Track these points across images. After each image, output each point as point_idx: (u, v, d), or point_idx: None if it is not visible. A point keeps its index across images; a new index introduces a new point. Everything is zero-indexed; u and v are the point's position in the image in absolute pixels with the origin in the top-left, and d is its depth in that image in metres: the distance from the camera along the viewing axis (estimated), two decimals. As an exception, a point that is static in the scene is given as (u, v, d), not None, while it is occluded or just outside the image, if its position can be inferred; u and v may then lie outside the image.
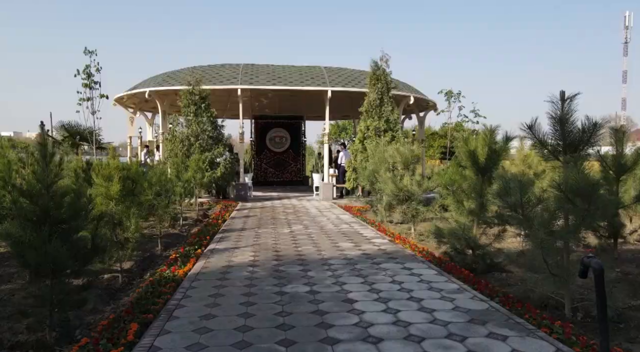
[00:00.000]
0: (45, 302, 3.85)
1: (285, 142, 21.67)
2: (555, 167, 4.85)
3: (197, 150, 13.05)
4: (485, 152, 6.63)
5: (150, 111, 18.79)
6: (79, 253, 4.03)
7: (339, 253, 6.68)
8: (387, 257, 6.39)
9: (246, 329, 3.70)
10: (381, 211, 10.05)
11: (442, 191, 7.74)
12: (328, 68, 16.32)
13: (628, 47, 55.24)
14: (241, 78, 14.99)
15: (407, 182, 9.06)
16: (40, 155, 3.90)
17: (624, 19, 56.64)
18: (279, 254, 6.66)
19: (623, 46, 55.63)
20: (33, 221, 3.75)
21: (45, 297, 3.84)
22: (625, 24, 56.54)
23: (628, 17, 56.41)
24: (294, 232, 8.58)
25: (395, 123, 14.04)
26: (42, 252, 3.64)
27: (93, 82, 14.79)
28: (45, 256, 3.65)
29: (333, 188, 15.43)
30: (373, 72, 14.08)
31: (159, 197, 7.67)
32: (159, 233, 7.79)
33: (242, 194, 14.74)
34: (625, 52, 56.03)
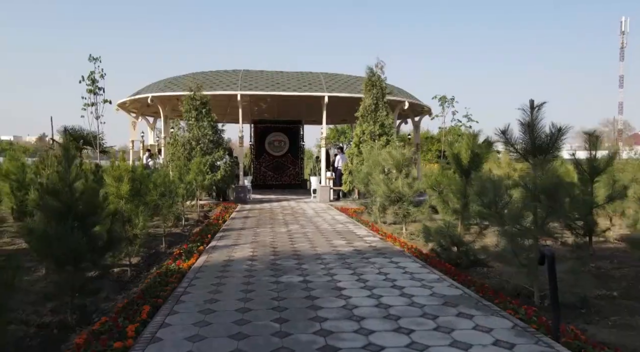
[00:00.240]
0: (66, 289, 4.37)
1: (284, 146, 22.21)
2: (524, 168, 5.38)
3: (198, 153, 13.58)
4: (468, 156, 7.16)
5: (152, 116, 19.35)
6: (96, 245, 4.55)
7: (332, 249, 7.21)
8: (376, 253, 6.91)
9: (245, 310, 4.21)
10: (375, 211, 10.56)
11: (430, 192, 8.26)
12: (325, 74, 16.89)
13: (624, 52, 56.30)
14: (241, 84, 15.54)
15: (399, 184, 9.59)
16: (64, 157, 4.43)
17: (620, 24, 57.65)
18: (276, 249, 7.18)
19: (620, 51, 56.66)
20: (57, 215, 4.26)
21: (66, 284, 4.36)
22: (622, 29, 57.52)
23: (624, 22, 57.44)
24: (291, 231, 9.10)
25: (390, 127, 14.57)
26: (66, 242, 4.15)
27: (97, 88, 15.34)
28: (69, 246, 4.17)
29: (330, 191, 15.95)
30: (368, 78, 14.63)
31: (163, 198, 8.18)
32: (163, 232, 8.30)
33: (241, 197, 15.26)
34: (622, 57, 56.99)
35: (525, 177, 5.20)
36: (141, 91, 16.61)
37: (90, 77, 15.38)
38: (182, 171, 10.50)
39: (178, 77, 16.68)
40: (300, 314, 4.10)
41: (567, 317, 4.20)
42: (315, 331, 3.69)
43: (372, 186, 10.26)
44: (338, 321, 3.92)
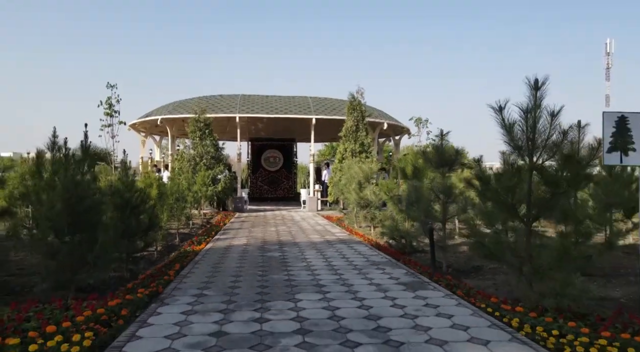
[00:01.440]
0: (124, 254, 6.84)
1: (278, 162, 24.80)
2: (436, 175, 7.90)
3: (202, 168, 16.13)
4: (411, 169, 9.68)
5: (159, 134, 21.97)
6: (142, 226, 7.05)
7: (307, 240, 9.70)
8: (340, 242, 9.41)
9: (241, 266, 6.70)
10: (350, 215, 13.05)
11: (384, 197, 10.74)
12: (313, 98, 19.56)
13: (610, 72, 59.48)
14: (239, 107, 18.19)
15: (367, 192, 12.09)
16: (123, 168, 6.97)
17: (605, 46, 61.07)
18: (265, 240, 9.67)
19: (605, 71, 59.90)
20: (120, 207, 6.76)
21: (124, 251, 6.83)
22: (607, 50, 60.88)
23: (609, 43, 60.85)
24: (279, 231, 11.59)
25: (369, 146, 17.16)
26: (126, 223, 6.64)
27: (113, 111, 18.03)
28: (127, 226, 6.66)
29: (318, 201, 18.46)
30: (350, 103, 17.28)
31: (177, 202, 10.70)
32: (177, 230, 10.78)
33: (239, 206, 17.77)
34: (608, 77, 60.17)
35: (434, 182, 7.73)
36: (150, 113, 19.25)
37: (108, 101, 18.13)
38: (190, 182, 13.02)
39: (184, 100, 19.35)
40: (275, 268, 6.58)
41: (462, 278, 6.61)
42: (284, 274, 6.17)
43: (347, 195, 12.78)
44: (299, 271, 6.40)
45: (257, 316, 4.31)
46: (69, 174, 5.04)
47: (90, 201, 5.17)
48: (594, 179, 7.02)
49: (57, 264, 4.91)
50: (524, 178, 5.07)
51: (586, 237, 4.96)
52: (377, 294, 5.16)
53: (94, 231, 5.15)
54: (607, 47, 61.04)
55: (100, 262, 5.13)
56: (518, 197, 5.11)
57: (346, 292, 5.21)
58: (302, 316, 4.28)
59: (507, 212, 5.23)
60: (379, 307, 4.59)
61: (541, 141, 5.03)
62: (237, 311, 4.46)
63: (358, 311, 4.48)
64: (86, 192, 5.16)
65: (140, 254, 7.22)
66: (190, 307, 4.64)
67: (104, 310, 4.16)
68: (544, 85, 4.98)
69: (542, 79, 5.01)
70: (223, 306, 4.64)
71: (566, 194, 5.10)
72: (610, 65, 59.52)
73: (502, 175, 5.23)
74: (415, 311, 4.50)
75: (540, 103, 5.02)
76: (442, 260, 7.38)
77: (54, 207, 4.93)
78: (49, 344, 3.33)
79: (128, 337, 3.73)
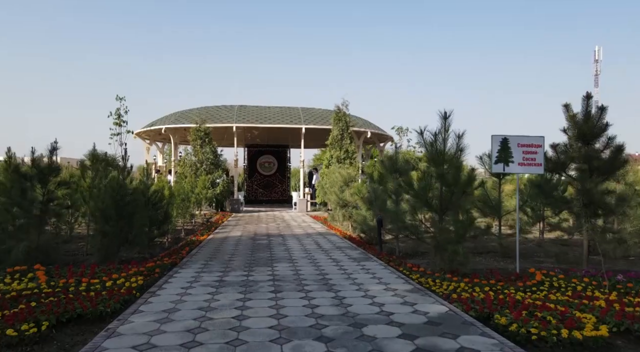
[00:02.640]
0: (146, 240, 9.11)
1: (273, 167, 27.09)
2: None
3: (202, 173, 18.41)
4: (377, 175, 11.97)
5: (162, 141, 24.24)
6: (158, 219, 9.32)
7: (291, 233, 11.98)
8: (318, 234, 11.69)
9: (236, 249, 8.98)
10: (332, 214, 15.32)
11: (355, 197, 13.01)
12: (304, 108, 21.88)
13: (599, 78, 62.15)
14: (236, 117, 20.50)
15: (345, 194, 14.37)
16: (144, 174, 9.26)
17: (594, 53, 63.75)
18: (256, 233, 11.96)
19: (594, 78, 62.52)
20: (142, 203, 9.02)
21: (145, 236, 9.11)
22: (595, 57, 63.53)
23: (598, 51, 63.51)
24: (269, 227, 13.87)
25: (353, 153, 19.46)
26: (146, 215, 8.91)
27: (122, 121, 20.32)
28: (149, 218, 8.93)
29: (307, 203, 20.74)
30: (336, 114, 19.60)
31: (183, 202, 12.97)
32: (182, 226, 13.05)
33: (236, 207, 20.04)
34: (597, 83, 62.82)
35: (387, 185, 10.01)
36: (155, 123, 21.54)
37: (117, 112, 20.44)
38: (192, 185, 15.31)
39: (185, 111, 21.65)
40: (262, 250, 8.87)
41: (407, 258, 8.84)
42: (267, 253, 8.45)
43: (329, 196, 15.06)
44: (279, 251, 8.68)
45: (245, 273, 6.59)
46: (115, 179, 7.34)
47: (128, 198, 7.47)
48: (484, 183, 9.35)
49: (107, 241, 7.19)
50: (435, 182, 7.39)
51: (470, 223, 7.23)
52: (331, 263, 7.45)
53: (131, 219, 7.45)
54: (596, 54, 63.94)
55: (136, 242, 7.44)
56: (432, 195, 7.42)
57: (310, 263, 7.49)
58: (275, 274, 6.56)
59: (425, 206, 7.54)
60: (329, 270, 6.87)
61: (448, 156, 7.35)
62: (232, 272, 6.75)
63: (314, 271, 6.77)
64: (125, 192, 7.46)
65: (156, 241, 9.50)
66: (200, 270, 6.92)
67: (144, 269, 6.43)
68: (450, 115, 7.34)
69: (449, 111, 7.36)
70: (222, 270, 6.93)
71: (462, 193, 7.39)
72: (599, 72, 62.31)
73: (420, 180, 7.56)
74: (353, 271, 6.79)
75: (448, 128, 7.37)
76: (395, 247, 9.64)
77: (104, 202, 7.21)
78: (118, 282, 5.60)
79: (163, 282, 6.02)
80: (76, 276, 6.00)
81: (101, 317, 4.44)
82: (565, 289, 5.78)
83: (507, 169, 7.44)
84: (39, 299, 4.88)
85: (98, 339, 3.83)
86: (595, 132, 7.29)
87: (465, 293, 5.39)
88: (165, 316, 4.46)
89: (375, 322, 4.23)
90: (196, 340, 3.77)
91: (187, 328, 4.08)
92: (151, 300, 5.08)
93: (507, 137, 7.46)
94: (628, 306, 4.86)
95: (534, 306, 4.75)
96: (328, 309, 4.71)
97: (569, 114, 7.39)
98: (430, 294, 5.39)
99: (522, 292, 5.54)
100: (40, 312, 4.28)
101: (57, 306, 4.49)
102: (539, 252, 9.19)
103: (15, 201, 6.96)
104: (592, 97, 7.49)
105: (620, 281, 6.02)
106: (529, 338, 3.95)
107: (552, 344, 3.91)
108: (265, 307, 4.78)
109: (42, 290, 5.27)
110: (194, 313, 4.55)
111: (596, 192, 7.03)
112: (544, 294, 5.46)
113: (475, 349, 3.60)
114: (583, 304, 4.93)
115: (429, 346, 3.62)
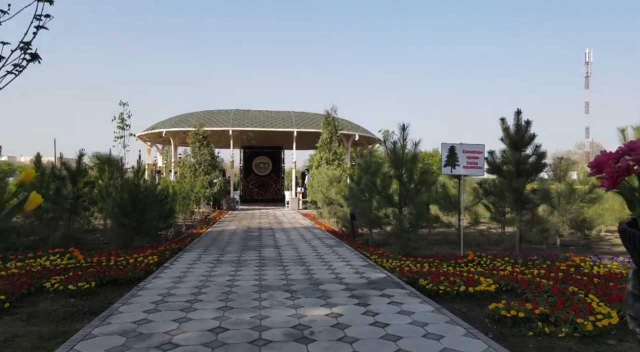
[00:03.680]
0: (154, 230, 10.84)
1: (267, 168, 28.81)
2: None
3: (201, 173, 20.14)
4: (356, 175, 13.71)
5: (162, 143, 25.96)
6: (165, 213, 11.05)
7: (280, 227, 13.72)
8: (304, 228, 13.43)
9: (230, 240, 10.72)
10: (320, 211, 17.06)
11: (338, 195, 14.75)
12: (295, 112, 23.62)
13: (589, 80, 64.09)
14: (232, 121, 22.22)
15: (331, 193, 16.11)
16: (152, 175, 11.00)
17: (585, 55, 65.74)
18: (249, 227, 13.69)
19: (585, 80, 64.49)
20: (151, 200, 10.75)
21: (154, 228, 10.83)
22: (586, 59, 65.53)
23: (588, 53, 65.51)
24: (261, 222, 15.61)
25: (341, 154, 21.19)
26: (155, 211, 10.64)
27: (125, 125, 22.09)
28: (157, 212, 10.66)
29: (299, 201, 22.47)
30: (325, 118, 21.33)
31: (184, 200, 14.70)
32: (183, 221, 14.78)
33: (232, 205, 21.77)
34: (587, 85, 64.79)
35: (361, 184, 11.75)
36: (156, 126, 23.26)
37: (121, 117, 22.20)
38: (192, 185, 17.04)
39: (185, 115, 23.38)
40: (253, 240, 10.61)
41: (380, 247, 10.57)
42: (257, 242, 10.18)
43: (317, 194, 16.80)
44: (267, 241, 10.42)
45: (238, 255, 8.33)
46: (131, 180, 9.06)
47: (142, 195, 9.19)
48: (445, 184, 11.11)
49: (125, 231, 8.92)
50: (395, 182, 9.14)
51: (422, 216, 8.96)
52: (309, 249, 9.19)
53: (144, 213, 9.17)
54: (586, 56, 65.88)
55: (148, 231, 9.16)
56: (392, 192, 9.17)
57: (292, 249, 9.23)
58: (262, 256, 8.30)
59: (387, 202, 9.27)
60: (306, 253, 8.61)
61: (405, 161, 9.10)
62: (227, 254, 8.48)
63: (294, 254, 8.50)
64: (140, 190, 9.18)
65: (161, 233, 11.23)
66: (201, 253, 8.65)
67: (157, 251, 8.17)
68: (408, 127, 9.10)
69: (407, 124, 9.11)
70: (219, 253, 8.66)
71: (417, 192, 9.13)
72: (590, 74, 64.22)
73: (382, 180, 9.31)
74: (324, 254, 8.53)
75: (406, 137, 9.13)
76: (369, 238, 11.38)
77: (122, 199, 8.93)
78: (138, 259, 7.32)
79: (173, 260, 7.75)
80: (105, 255, 7.72)
81: (130, 281, 6.16)
82: (486, 265, 7.53)
83: (454, 171, 9.18)
84: (81, 270, 6.60)
85: (133, 291, 5.56)
86: (524, 142, 9.03)
87: (407, 267, 7.12)
88: (178, 280, 6.19)
89: (329, 283, 5.97)
90: (201, 292, 5.50)
91: (194, 286, 5.82)
92: (165, 271, 6.82)
93: (454, 145, 9.20)
94: (524, 275, 6.60)
95: (452, 274, 6.48)
96: (298, 276, 6.45)
97: (503, 127, 9.12)
98: (379, 268, 7.13)
99: (451, 267, 7.28)
100: (87, 276, 6.01)
101: (98, 273, 6.21)
102: (487, 242, 10.95)
103: (50, 198, 8.68)
104: (521, 112, 9.21)
105: (532, 259, 7.78)
106: (437, 292, 5.68)
107: (452, 295, 5.64)
108: (251, 275, 6.52)
109: (82, 264, 7.00)
110: (199, 278, 6.29)
111: (523, 190, 8.77)
112: (467, 268, 7.21)
113: (391, 295, 5.34)
114: (491, 273, 6.67)
115: (360, 294, 5.36)
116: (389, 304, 4.93)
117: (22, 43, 6.53)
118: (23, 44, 6.57)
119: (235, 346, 3.66)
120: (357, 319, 4.37)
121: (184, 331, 4.03)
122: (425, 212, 9.12)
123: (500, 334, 4.39)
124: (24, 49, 6.65)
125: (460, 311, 5.02)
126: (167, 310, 4.69)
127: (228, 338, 3.84)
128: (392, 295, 5.37)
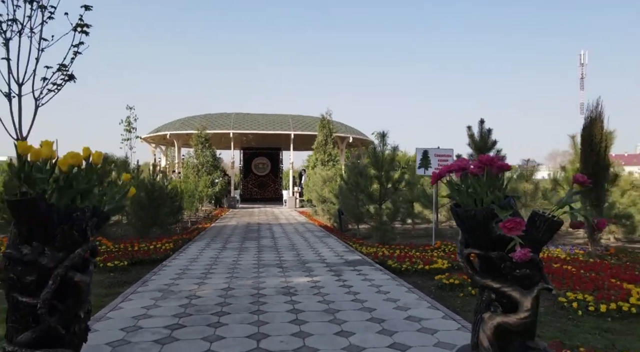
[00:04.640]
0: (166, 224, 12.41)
1: (266, 168, 30.38)
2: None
3: (203, 174, 21.71)
4: (347, 175, 15.28)
5: (165, 145, 27.53)
6: (175, 209, 12.63)
7: (277, 222, 15.30)
8: (298, 223, 15.01)
9: (232, 232, 12.30)
10: (315, 208, 18.63)
11: (330, 194, 16.30)
12: (293, 116, 25.20)
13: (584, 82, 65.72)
14: (232, 124, 23.79)
15: (325, 191, 17.67)
16: (163, 176, 12.58)
17: (579, 57, 67.39)
18: (249, 223, 15.27)
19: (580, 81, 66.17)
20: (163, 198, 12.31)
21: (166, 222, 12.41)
22: (581, 61, 67.21)
23: (583, 55, 67.18)
24: (260, 218, 17.19)
25: (336, 156, 22.76)
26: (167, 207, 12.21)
27: (132, 127, 23.61)
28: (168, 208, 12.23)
29: (296, 200, 24.05)
30: (321, 122, 22.90)
31: (189, 198, 16.28)
32: (188, 218, 16.36)
33: (232, 204, 23.35)
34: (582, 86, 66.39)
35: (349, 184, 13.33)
36: (160, 129, 24.83)
37: (127, 120, 23.74)
38: (196, 185, 18.62)
39: (188, 118, 24.95)
40: (252, 233, 12.18)
41: (366, 239, 12.11)
42: (256, 235, 11.76)
43: (312, 193, 18.37)
44: (265, 233, 12.00)
45: (239, 244, 9.90)
46: (148, 179, 10.64)
47: (157, 192, 10.77)
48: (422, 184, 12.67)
49: (142, 224, 10.49)
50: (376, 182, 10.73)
51: (397, 211, 10.52)
52: (301, 239, 10.76)
53: (159, 208, 10.74)
54: (581, 58, 67.53)
55: (162, 224, 10.74)
56: (373, 191, 10.76)
57: (286, 239, 10.80)
58: (260, 244, 9.87)
59: (369, 199, 10.86)
60: (297, 242, 10.18)
61: (384, 163, 10.69)
62: (231, 243, 10.05)
63: (287, 243, 10.08)
64: (155, 188, 10.75)
65: (170, 227, 12.80)
66: (208, 242, 10.22)
67: (171, 240, 9.74)
68: (387, 134, 10.69)
69: (386, 130, 10.69)
70: (224, 242, 10.23)
71: (395, 190, 10.70)
72: (584, 76, 65.92)
73: (365, 180, 10.89)
74: (314, 243, 10.10)
75: (386, 142, 10.72)
76: (357, 231, 12.94)
77: (140, 194, 10.50)
78: (157, 246, 8.89)
79: (185, 247, 9.34)
80: (128, 243, 9.30)
81: (154, 261, 7.73)
82: (449, 251, 9.09)
83: (426, 173, 10.75)
84: (113, 253, 8.18)
85: (158, 267, 7.14)
86: (487, 147, 10.60)
87: (381, 252, 8.68)
88: (193, 260, 7.77)
89: (314, 262, 7.56)
90: (212, 267, 7.08)
91: (206, 264, 7.40)
92: (181, 255, 8.40)
93: (427, 149, 10.76)
94: (475, 258, 8.16)
95: (417, 257, 8.05)
96: (289, 258, 8.03)
97: (469, 134, 10.69)
98: (357, 253, 8.71)
99: (419, 252, 8.84)
100: (120, 257, 7.58)
101: (127, 255, 7.78)
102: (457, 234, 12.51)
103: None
104: (484, 121, 10.77)
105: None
106: (400, 269, 7.25)
107: (412, 272, 7.21)
108: (252, 257, 8.10)
109: (112, 249, 8.58)
110: (209, 259, 7.87)
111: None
112: (431, 254, 8.77)
113: (361, 270, 6.91)
114: (449, 257, 8.23)
115: (336, 269, 6.94)
116: (357, 275, 6.52)
117: (60, 65, 8.17)
118: (61, 66, 8.22)
119: (241, 297, 5.24)
120: (330, 283, 5.95)
121: (203, 289, 5.62)
122: (400, 208, 10.71)
123: (440, 295, 5.96)
124: (62, 71, 8.32)
125: (415, 282, 6.59)
126: (188, 278, 6.28)
127: (235, 293, 5.42)
128: (362, 270, 6.95)
